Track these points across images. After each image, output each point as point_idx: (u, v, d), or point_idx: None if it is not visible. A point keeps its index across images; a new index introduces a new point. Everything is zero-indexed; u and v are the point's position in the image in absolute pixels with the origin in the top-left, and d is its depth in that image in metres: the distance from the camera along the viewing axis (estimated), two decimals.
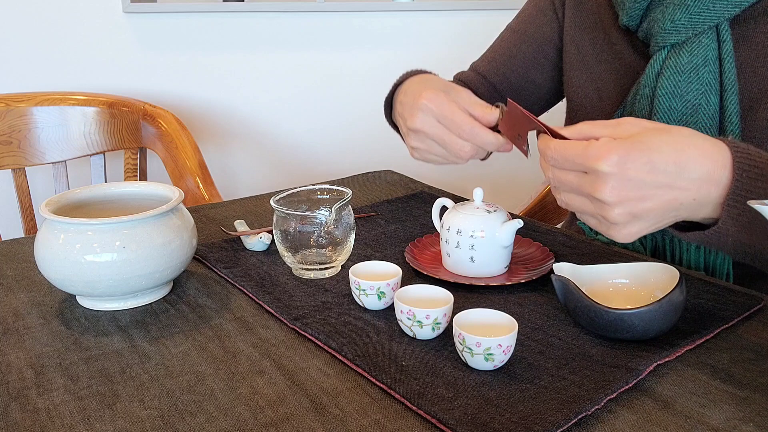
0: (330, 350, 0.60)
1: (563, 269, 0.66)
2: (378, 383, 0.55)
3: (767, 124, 0.75)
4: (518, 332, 0.61)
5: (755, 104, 0.76)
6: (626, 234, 0.60)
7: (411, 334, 0.62)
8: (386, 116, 0.94)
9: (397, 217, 0.97)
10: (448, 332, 0.62)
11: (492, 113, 0.73)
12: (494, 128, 0.74)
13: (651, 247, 0.86)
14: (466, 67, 1.11)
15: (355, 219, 0.78)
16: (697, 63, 0.77)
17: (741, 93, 0.77)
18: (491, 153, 0.78)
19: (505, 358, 0.56)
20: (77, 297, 0.71)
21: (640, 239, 0.85)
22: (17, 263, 0.81)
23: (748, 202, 0.51)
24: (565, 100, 1.01)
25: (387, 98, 0.91)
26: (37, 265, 0.69)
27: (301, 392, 0.54)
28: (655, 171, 0.57)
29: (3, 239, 1.05)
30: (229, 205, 1.04)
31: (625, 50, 0.86)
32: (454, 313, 0.59)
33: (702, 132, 0.63)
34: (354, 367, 0.58)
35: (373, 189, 1.12)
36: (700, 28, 0.77)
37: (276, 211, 0.74)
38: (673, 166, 0.57)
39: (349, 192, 0.76)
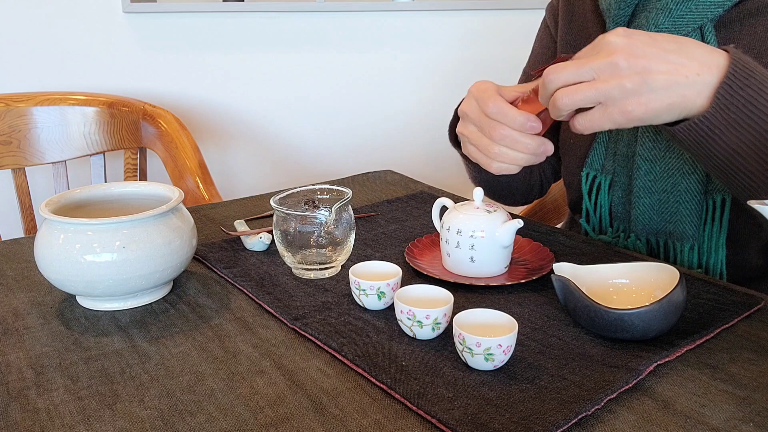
0: (330, 350, 0.60)
1: (563, 269, 0.66)
2: (378, 383, 0.55)
3: None
4: (518, 332, 0.61)
5: None
6: (639, 104, 0.59)
7: (411, 334, 0.62)
8: (450, 138, 0.90)
9: (397, 217, 0.97)
10: (448, 332, 0.62)
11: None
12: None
13: (646, 250, 0.86)
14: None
15: (355, 219, 0.78)
16: None
17: None
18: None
19: (505, 358, 0.56)
20: (77, 297, 0.71)
21: (635, 237, 0.86)
22: (17, 263, 0.81)
23: (748, 202, 0.51)
24: None
25: (451, 121, 0.89)
26: (37, 265, 0.69)
27: (301, 392, 0.54)
28: (656, 41, 0.60)
29: (3, 239, 1.05)
30: (229, 205, 1.04)
31: None
32: (454, 313, 0.59)
33: None
34: (354, 367, 0.58)
35: (373, 189, 1.12)
36: (683, 30, 0.77)
37: (276, 211, 0.74)
38: (673, 44, 0.61)
39: (349, 192, 0.76)
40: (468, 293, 0.71)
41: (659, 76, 0.59)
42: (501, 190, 1.03)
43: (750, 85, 0.60)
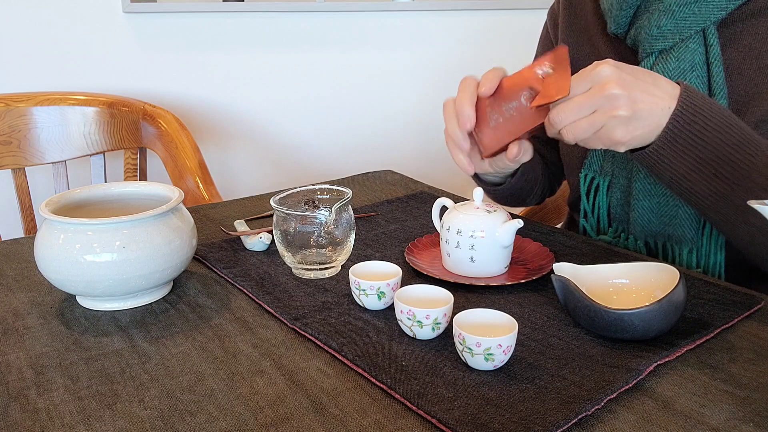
0: (330, 350, 0.60)
1: (563, 269, 0.66)
2: (378, 383, 0.55)
3: (756, 126, 0.75)
4: (518, 332, 0.61)
5: (743, 106, 0.76)
6: (626, 131, 0.66)
7: (411, 334, 0.62)
8: None
9: (397, 217, 0.97)
10: (448, 332, 0.62)
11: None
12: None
13: (644, 252, 0.86)
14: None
15: (355, 219, 0.78)
16: (684, 68, 0.77)
17: (729, 95, 0.77)
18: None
19: (505, 358, 0.56)
20: (77, 297, 0.71)
21: (634, 239, 0.86)
22: (17, 263, 0.81)
23: (748, 202, 0.51)
24: None
25: None
26: (37, 265, 0.69)
27: (301, 392, 0.54)
28: (639, 74, 0.67)
29: (3, 239, 1.05)
30: (229, 205, 1.04)
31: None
32: (454, 313, 0.59)
33: None
34: (354, 367, 0.58)
35: (373, 189, 1.12)
36: (686, 33, 0.77)
37: (276, 211, 0.74)
38: (650, 77, 0.68)
39: (349, 192, 0.76)
40: (468, 293, 0.71)
41: (644, 106, 0.66)
42: (516, 200, 1.03)
43: (697, 120, 0.67)
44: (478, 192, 0.77)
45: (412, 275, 0.76)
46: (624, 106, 0.64)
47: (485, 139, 0.73)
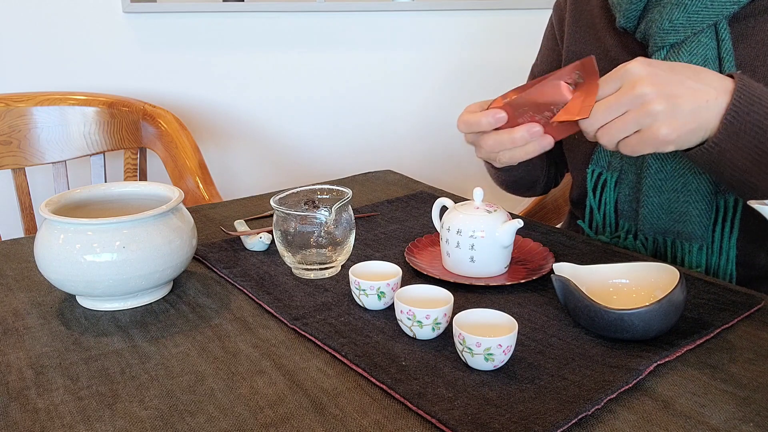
0: (330, 350, 0.60)
1: (563, 269, 0.66)
2: (378, 383, 0.55)
3: None
4: (518, 332, 0.61)
5: None
6: (671, 128, 0.62)
7: (411, 334, 0.62)
8: None
9: (397, 217, 0.97)
10: (448, 332, 0.62)
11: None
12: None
13: (652, 249, 0.86)
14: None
15: (355, 219, 0.78)
16: (696, 63, 0.77)
17: None
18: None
19: (505, 358, 0.56)
20: (77, 297, 0.71)
21: (641, 239, 0.85)
22: (17, 263, 0.81)
23: (748, 202, 0.51)
24: None
25: None
26: (37, 265, 0.69)
27: (301, 392, 0.54)
28: (675, 70, 0.64)
29: (3, 239, 1.05)
30: (229, 205, 1.04)
31: (620, 57, 0.86)
32: (454, 313, 0.59)
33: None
34: (354, 367, 0.58)
35: (373, 189, 1.12)
36: (698, 27, 0.77)
37: (276, 211, 0.74)
38: (691, 71, 0.65)
39: (349, 192, 0.76)
40: (468, 293, 0.71)
41: (683, 101, 0.62)
42: (524, 185, 1.04)
43: (755, 110, 0.64)
44: (478, 192, 0.77)
45: (412, 275, 0.76)
46: (656, 100, 0.61)
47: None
